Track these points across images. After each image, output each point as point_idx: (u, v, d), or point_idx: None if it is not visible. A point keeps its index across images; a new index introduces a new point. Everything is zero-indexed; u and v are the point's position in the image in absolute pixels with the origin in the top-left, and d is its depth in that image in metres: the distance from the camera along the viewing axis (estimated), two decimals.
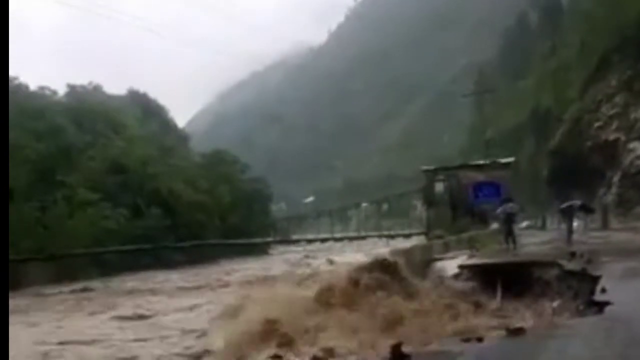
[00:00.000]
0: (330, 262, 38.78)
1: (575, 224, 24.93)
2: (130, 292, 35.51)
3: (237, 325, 15.64)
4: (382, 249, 36.84)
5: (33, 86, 64.49)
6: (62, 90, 70.22)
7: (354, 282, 15.79)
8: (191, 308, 25.86)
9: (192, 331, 19.78)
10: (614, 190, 48.50)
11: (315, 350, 11.75)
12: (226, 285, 35.22)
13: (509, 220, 24.12)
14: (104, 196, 53.06)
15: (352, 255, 39.18)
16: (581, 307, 12.37)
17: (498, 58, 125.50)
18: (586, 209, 23.34)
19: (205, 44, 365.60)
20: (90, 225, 49.57)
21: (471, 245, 26.01)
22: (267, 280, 28.78)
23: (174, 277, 43.32)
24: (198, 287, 35.99)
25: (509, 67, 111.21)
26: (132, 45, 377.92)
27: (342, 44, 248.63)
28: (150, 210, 57.28)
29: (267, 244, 72.28)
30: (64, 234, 46.35)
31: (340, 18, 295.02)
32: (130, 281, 42.33)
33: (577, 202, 25.86)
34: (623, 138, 49.29)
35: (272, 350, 12.43)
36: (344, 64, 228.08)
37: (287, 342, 12.89)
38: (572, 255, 17.78)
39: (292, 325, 13.68)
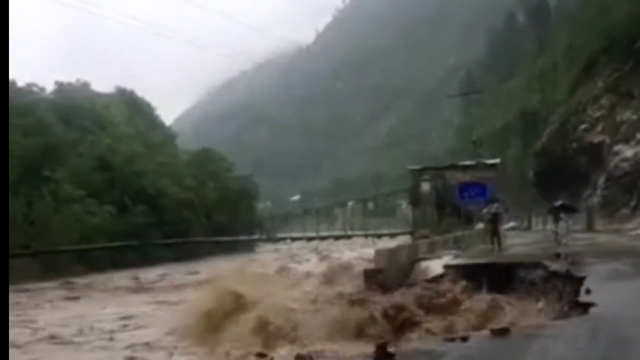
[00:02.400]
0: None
1: (570, 222, 25.06)
2: None
3: None
4: (367, 249, 37.11)
5: (21, 83, 63.98)
6: (50, 88, 69.64)
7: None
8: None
9: None
10: (599, 192, 48.76)
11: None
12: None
13: (494, 221, 24.22)
14: (91, 193, 52.98)
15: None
16: (566, 308, 12.44)
17: (486, 59, 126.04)
18: (567, 209, 23.41)
19: (194, 42, 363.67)
20: (76, 221, 49.53)
21: (457, 245, 26.14)
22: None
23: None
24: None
25: (497, 68, 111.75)
26: (120, 42, 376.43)
27: (330, 44, 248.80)
28: (136, 207, 57.18)
29: (253, 242, 72.30)
30: (49, 230, 46.27)
31: (328, 18, 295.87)
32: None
33: (565, 202, 26.00)
34: (608, 140, 49.55)
35: None
36: (332, 64, 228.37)
37: None
38: (557, 256, 17.92)
39: None
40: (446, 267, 18.85)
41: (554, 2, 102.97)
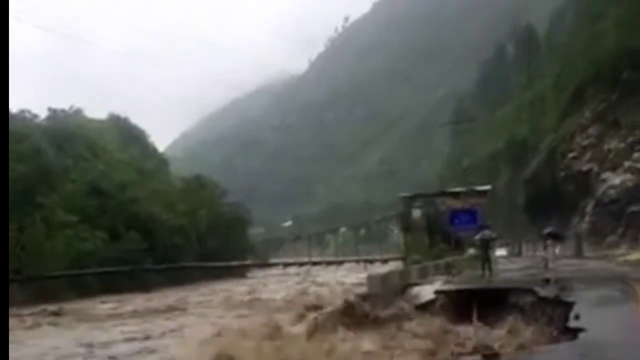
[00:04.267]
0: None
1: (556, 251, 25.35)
2: None
3: None
4: (360, 273, 37.21)
5: (14, 109, 64.02)
6: (43, 114, 69.74)
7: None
8: None
9: None
10: (587, 219, 49.27)
11: None
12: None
13: (485, 247, 24.52)
14: (83, 218, 52.87)
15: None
16: (555, 333, 12.63)
17: (476, 88, 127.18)
18: (555, 236, 23.75)
19: (188, 70, 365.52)
20: (67, 247, 49.37)
21: (448, 271, 26.41)
22: None
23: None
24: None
25: (487, 98, 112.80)
26: (113, 70, 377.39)
27: (322, 73, 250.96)
28: (128, 233, 57.08)
29: (245, 267, 72.22)
30: (41, 255, 46.10)
31: (320, 48, 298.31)
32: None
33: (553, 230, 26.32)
34: (596, 169, 50.17)
35: None
36: (324, 93, 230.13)
37: None
38: (547, 282, 18.21)
39: None
40: (437, 292, 19.10)
41: (543, 34, 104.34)
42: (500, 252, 48.11)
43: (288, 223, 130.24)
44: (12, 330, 26.65)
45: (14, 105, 63.80)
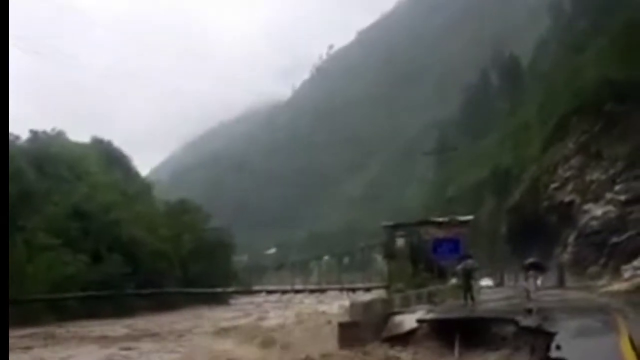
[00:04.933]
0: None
1: (538, 281, 25.51)
2: None
3: None
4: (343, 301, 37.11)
5: None
6: (24, 136, 69.34)
7: None
8: None
9: None
10: (569, 249, 49.55)
11: None
12: None
13: (467, 276, 24.62)
14: (65, 241, 52.46)
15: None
16: None
17: (460, 116, 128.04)
18: (537, 267, 23.95)
19: (172, 94, 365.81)
20: (49, 270, 48.95)
21: (430, 299, 26.43)
22: None
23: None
24: None
25: (471, 125, 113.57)
26: (97, 93, 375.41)
27: (307, 99, 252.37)
28: (111, 256, 56.68)
29: (228, 294, 71.77)
30: (22, 279, 45.58)
31: (306, 75, 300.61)
32: None
33: (535, 260, 26.49)
34: (578, 200, 50.55)
35: None
36: (310, 119, 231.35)
37: None
38: (529, 311, 18.29)
39: None
40: (420, 321, 19.12)
41: (526, 63, 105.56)
42: (486, 282, 48.24)
43: (272, 250, 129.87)
44: None
45: None
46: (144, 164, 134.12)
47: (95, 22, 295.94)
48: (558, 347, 11.98)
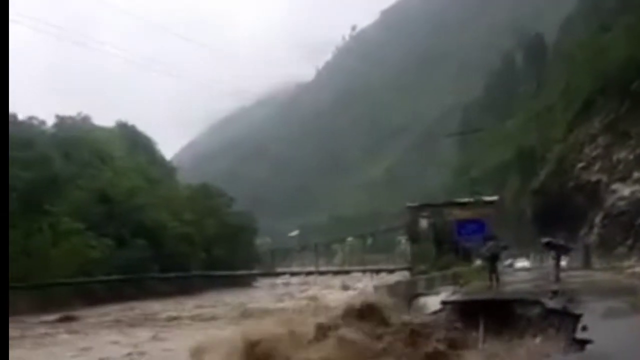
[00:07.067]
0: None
1: (562, 262, 25.08)
2: None
3: None
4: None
5: (21, 116, 64.20)
6: (50, 121, 69.93)
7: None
8: None
9: None
10: (596, 230, 48.88)
11: None
12: None
13: (493, 258, 24.34)
14: (89, 226, 53.04)
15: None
16: (562, 345, 12.52)
17: (483, 98, 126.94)
18: (554, 247, 23.44)
19: (195, 79, 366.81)
20: (74, 254, 49.46)
21: (455, 281, 26.22)
22: None
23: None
24: None
25: (494, 107, 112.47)
26: (122, 78, 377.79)
27: (329, 82, 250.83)
28: (135, 240, 57.21)
29: (252, 277, 72.10)
30: (48, 263, 46.15)
31: (328, 56, 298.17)
32: None
33: (559, 241, 26.05)
34: (605, 179, 49.82)
35: None
36: (331, 101, 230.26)
37: None
38: (554, 293, 18.01)
39: None
40: (444, 303, 18.96)
41: (551, 43, 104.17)
42: (522, 263, 47.62)
43: (295, 233, 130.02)
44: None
45: (22, 112, 64.14)
46: (167, 149, 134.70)
47: (123, 10, 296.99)
48: (584, 329, 11.82)
